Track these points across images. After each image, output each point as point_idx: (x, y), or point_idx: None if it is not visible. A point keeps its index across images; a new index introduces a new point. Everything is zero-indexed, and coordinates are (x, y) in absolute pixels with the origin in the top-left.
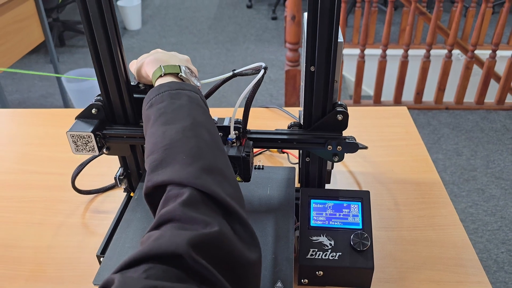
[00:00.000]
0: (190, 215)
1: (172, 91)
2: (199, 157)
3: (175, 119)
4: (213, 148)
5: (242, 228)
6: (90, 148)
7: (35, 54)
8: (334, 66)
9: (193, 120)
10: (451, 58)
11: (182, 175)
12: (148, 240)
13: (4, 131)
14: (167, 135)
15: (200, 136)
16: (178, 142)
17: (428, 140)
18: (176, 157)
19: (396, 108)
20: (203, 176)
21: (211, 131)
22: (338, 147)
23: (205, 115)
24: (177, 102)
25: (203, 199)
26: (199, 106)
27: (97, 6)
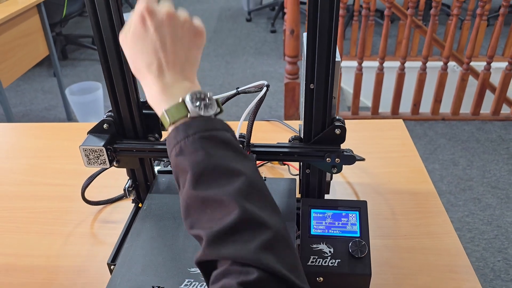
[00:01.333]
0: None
1: (204, 133)
2: (260, 229)
3: (221, 178)
4: (270, 207)
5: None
6: (101, 161)
7: (38, 68)
8: (332, 84)
9: (245, 177)
10: (447, 70)
11: (244, 253)
12: None
13: (11, 144)
14: (217, 200)
15: (255, 201)
16: (241, 212)
17: (425, 150)
18: (238, 231)
19: (392, 121)
20: (266, 252)
21: (260, 184)
22: (336, 159)
23: (249, 161)
24: (217, 154)
25: (269, 281)
26: (239, 151)
27: (110, 26)
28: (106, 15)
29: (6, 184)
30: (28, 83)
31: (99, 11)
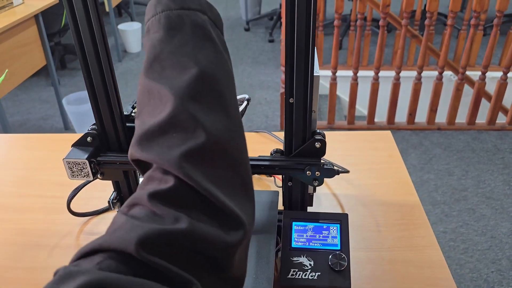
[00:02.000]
0: (158, 208)
1: (171, 12)
2: (193, 133)
3: (172, 68)
4: (221, 110)
5: (221, 216)
6: (85, 174)
7: (36, 77)
8: (312, 98)
9: (199, 71)
10: (442, 80)
11: (166, 159)
12: (112, 225)
13: (3, 155)
14: (162, 94)
15: (203, 100)
16: (177, 110)
17: (420, 160)
18: (166, 132)
19: (380, 132)
20: (189, 163)
21: (221, 81)
22: (317, 172)
23: (215, 53)
24: (177, 36)
25: (183, 191)
26: (207, 38)
27: (92, 41)
28: (88, 32)
29: None
30: (25, 92)
31: (81, 26)
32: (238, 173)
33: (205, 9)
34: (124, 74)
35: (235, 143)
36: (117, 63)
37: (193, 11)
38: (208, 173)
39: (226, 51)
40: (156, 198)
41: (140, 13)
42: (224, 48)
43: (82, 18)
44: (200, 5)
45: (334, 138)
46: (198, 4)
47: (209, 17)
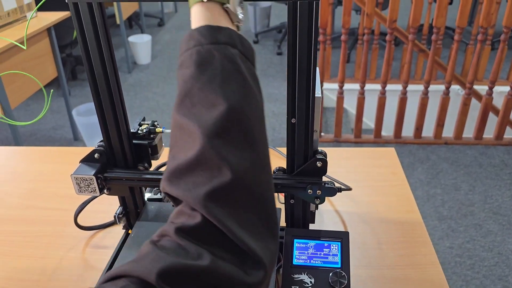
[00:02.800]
0: (184, 242)
1: (202, 47)
2: (219, 172)
3: (201, 104)
4: (248, 147)
5: (243, 256)
6: (92, 190)
7: (48, 88)
8: (313, 119)
9: (226, 107)
10: (449, 94)
11: (192, 198)
12: (139, 253)
13: (12, 168)
14: (190, 132)
15: (230, 137)
16: (204, 148)
17: (427, 175)
18: (193, 170)
19: (385, 149)
20: (214, 202)
21: (248, 118)
22: (318, 191)
23: (243, 88)
24: (207, 72)
25: (208, 228)
26: (236, 72)
27: (101, 64)
28: (97, 55)
29: (4, 207)
30: (37, 102)
31: (91, 50)
32: (263, 211)
33: (236, 42)
34: (134, 85)
35: (260, 180)
36: (126, 74)
37: (223, 45)
38: (233, 211)
39: (256, 84)
40: (183, 232)
41: (150, 25)
42: (254, 81)
43: (93, 44)
44: (231, 38)
45: (339, 154)
46: (229, 38)
47: (240, 50)
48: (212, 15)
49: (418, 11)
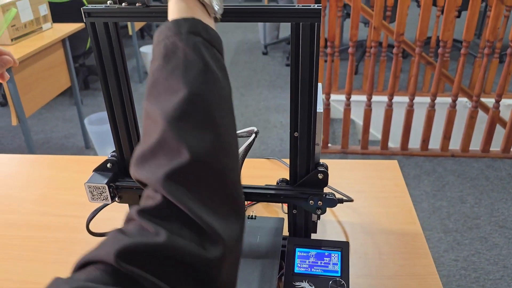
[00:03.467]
0: (144, 222)
1: (168, 39)
2: (177, 153)
3: (165, 92)
4: (208, 129)
5: (200, 232)
6: (104, 198)
7: (61, 97)
8: (315, 133)
9: (186, 92)
10: (455, 107)
11: (154, 179)
12: (104, 239)
13: (27, 175)
14: (154, 119)
15: (190, 121)
16: (164, 133)
17: (433, 187)
18: (155, 153)
19: (388, 162)
20: (173, 181)
21: (210, 103)
22: (319, 202)
23: (205, 73)
24: (171, 62)
25: (166, 207)
26: (198, 58)
27: (115, 79)
28: (112, 71)
29: (18, 213)
30: (50, 111)
31: (106, 65)
32: (225, 191)
33: (200, 30)
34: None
35: (222, 161)
36: (138, 84)
37: (187, 35)
38: (191, 191)
39: (221, 69)
40: (144, 213)
41: None
42: (219, 67)
43: (108, 59)
44: (194, 27)
45: (343, 166)
46: (192, 27)
47: (204, 38)
48: (187, 6)
49: (425, 25)
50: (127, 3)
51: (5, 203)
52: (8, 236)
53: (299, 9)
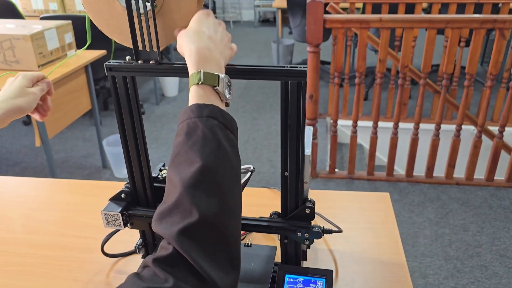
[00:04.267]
0: (157, 270)
1: (191, 120)
2: (189, 214)
3: (184, 163)
4: (216, 196)
5: (202, 282)
6: (117, 224)
7: (81, 117)
8: (303, 173)
9: (201, 164)
10: (459, 137)
11: (168, 234)
12: (123, 283)
13: (48, 197)
14: (174, 184)
15: (202, 188)
16: (181, 196)
17: (436, 214)
18: (172, 212)
19: (379, 194)
20: (184, 237)
21: (220, 174)
22: (306, 234)
23: (218, 150)
24: (192, 138)
25: (176, 258)
26: (213, 138)
27: (132, 126)
28: (128, 115)
29: (41, 233)
30: (71, 131)
31: (123, 111)
32: (226, 248)
33: (217, 115)
34: (161, 117)
35: (226, 224)
36: (154, 106)
37: (206, 118)
38: (199, 245)
39: (232, 147)
40: (157, 262)
41: (178, 59)
42: (231, 145)
43: (124, 104)
44: (213, 112)
45: (339, 197)
46: (211, 112)
47: (220, 121)
48: (205, 94)
49: (429, 57)
50: (142, 60)
51: (28, 224)
52: (30, 254)
53: (287, 70)
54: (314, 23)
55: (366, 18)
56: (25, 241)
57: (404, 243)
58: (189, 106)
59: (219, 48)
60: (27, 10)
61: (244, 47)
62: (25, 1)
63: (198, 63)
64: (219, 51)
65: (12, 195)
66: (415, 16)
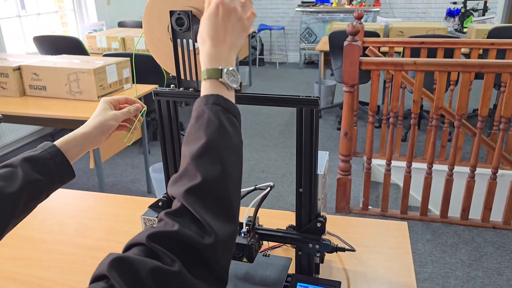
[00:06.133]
0: (167, 220)
1: (199, 107)
2: (194, 177)
3: (193, 140)
4: (217, 165)
5: (201, 227)
6: None
7: (132, 145)
8: (316, 190)
9: (205, 140)
10: (496, 180)
11: (177, 193)
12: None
13: (99, 209)
14: (185, 157)
15: (205, 157)
16: (188, 165)
17: (470, 256)
18: (181, 178)
19: (398, 223)
20: (189, 194)
21: (221, 148)
22: (316, 245)
23: (220, 128)
24: (199, 121)
25: (183, 210)
26: (216, 120)
27: (171, 144)
28: (169, 134)
29: (89, 238)
30: (121, 157)
31: (165, 130)
32: (224, 204)
33: (220, 102)
34: None
35: (225, 185)
36: None
37: (211, 105)
38: (200, 201)
39: (232, 126)
40: (168, 214)
41: None
42: (232, 125)
43: (167, 125)
44: (217, 100)
45: (358, 223)
46: (215, 100)
47: (222, 107)
48: (211, 86)
49: (463, 100)
50: (183, 88)
51: (79, 229)
52: (79, 254)
53: (302, 98)
54: (350, 64)
55: (401, 61)
56: (76, 243)
57: (434, 282)
58: (199, 97)
59: (228, 43)
60: (92, 48)
61: (288, 86)
62: (91, 40)
63: (205, 62)
64: (228, 46)
65: (69, 205)
66: (448, 60)
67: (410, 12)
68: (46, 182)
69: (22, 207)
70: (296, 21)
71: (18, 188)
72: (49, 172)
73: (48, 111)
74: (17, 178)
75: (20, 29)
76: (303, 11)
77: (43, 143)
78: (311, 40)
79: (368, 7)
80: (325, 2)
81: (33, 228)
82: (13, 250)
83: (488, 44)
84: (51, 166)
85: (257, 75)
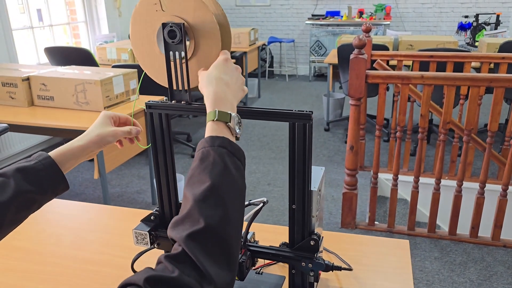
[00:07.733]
0: (167, 264)
1: (204, 149)
2: (197, 222)
3: (197, 182)
4: (219, 210)
5: (201, 275)
6: (145, 243)
7: (138, 156)
8: (310, 207)
9: (210, 183)
10: (506, 197)
11: (179, 237)
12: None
13: (97, 221)
14: (188, 199)
15: (209, 202)
16: (192, 208)
17: (479, 275)
18: (183, 221)
19: (398, 241)
20: (191, 240)
21: (225, 192)
22: (309, 264)
23: (224, 171)
24: (204, 163)
25: (183, 255)
26: (221, 162)
27: (163, 156)
28: (161, 147)
29: (84, 250)
30: (128, 168)
31: (157, 143)
32: (226, 252)
33: (226, 145)
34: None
35: (227, 231)
36: None
37: (217, 147)
38: (202, 247)
39: (237, 170)
40: (168, 258)
41: None
42: (236, 168)
43: (159, 137)
44: (223, 142)
45: (358, 240)
46: (222, 142)
47: (228, 150)
48: (218, 128)
49: (472, 115)
50: (176, 101)
51: (75, 241)
52: (72, 267)
53: (295, 113)
54: (356, 77)
55: (408, 74)
56: (70, 256)
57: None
58: (205, 137)
59: (233, 91)
60: (102, 59)
61: (297, 99)
62: (101, 51)
63: (214, 103)
64: (233, 94)
65: (66, 216)
66: (456, 74)
67: (421, 25)
68: (38, 193)
69: (12, 217)
70: (306, 34)
71: (8, 198)
72: (41, 183)
73: (55, 121)
74: (8, 188)
75: (32, 40)
76: (313, 24)
77: (38, 153)
78: (321, 53)
79: (379, 20)
80: (335, 15)
81: (28, 240)
82: (7, 262)
83: (498, 58)
84: (43, 177)
85: (266, 88)
